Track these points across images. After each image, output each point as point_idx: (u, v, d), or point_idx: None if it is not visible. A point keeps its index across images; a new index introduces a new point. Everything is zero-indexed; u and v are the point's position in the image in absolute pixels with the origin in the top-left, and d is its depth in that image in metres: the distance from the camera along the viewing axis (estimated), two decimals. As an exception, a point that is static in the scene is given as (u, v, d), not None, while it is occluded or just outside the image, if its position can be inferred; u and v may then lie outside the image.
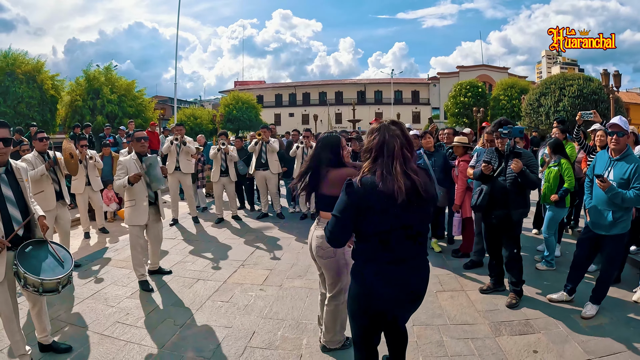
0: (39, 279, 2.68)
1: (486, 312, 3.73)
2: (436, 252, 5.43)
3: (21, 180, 2.95)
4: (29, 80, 15.68)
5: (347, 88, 47.99)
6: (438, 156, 5.24)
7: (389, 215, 1.90)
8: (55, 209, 4.82)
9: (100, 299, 4.19)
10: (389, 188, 1.85)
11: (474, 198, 4.04)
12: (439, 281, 4.48)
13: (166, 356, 3.14)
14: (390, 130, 1.97)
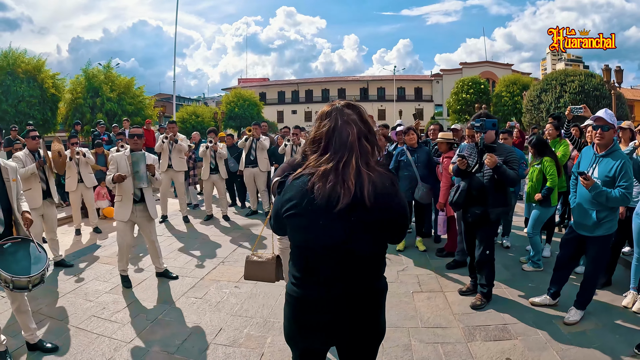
0: (10, 276, 2.78)
1: (462, 315, 3.67)
2: (420, 251, 5.42)
3: (7, 179, 3.07)
4: (29, 79, 16.22)
5: (350, 85, 48.28)
6: (421, 152, 5.21)
7: (318, 227, 1.48)
8: (42, 207, 4.96)
9: (80, 294, 4.33)
10: (327, 191, 1.43)
11: (451, 195, 3.98)
12: (417, 281, 4.46)
13: (133, 350, 3.24)
14: (344, 115, 1.54)
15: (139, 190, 4.53)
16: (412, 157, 5.15)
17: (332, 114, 1.55)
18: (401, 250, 5.44)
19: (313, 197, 1.43)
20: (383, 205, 1.47)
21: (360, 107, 1.61)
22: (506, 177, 3.56)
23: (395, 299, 4.00)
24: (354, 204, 1.42)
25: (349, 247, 1.50)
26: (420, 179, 5.06)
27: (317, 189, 1.43)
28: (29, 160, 4.89)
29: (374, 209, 1.44)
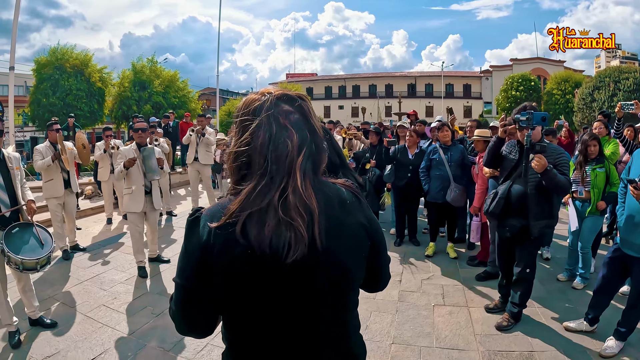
0: (20, 258, 3.08)
1: (484, 336, 3.31)
2: (450, 258, 5.04)
3: (12, 168, 3.35)
4: (77, 73, 17.51)
5: (398, 81, 48.06)
6: (455, 151, 4.83)
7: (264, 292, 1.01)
8: (63, 195, 5.29)
9: (97, 282, 4.53)
10: (265, 237, 0.96)
11: (487, 203, 3.49)
12: (442, 293, 4.13)
13: (131, 342, 3.32)
14: (280, 115, 1.03)
15: (150, 182, 4.75)
16: (445, 156, 4.79)
17: (261, 112, 1.02)
18: (430, 256, 5.09)
19: (250, 251, 0.96)
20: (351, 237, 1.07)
21: (302, 97, 1.10)
22: (556, 184, 3.01)
23: (414, 311, 3.75)
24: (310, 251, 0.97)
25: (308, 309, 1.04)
26: (453, 179, 4.69)
27: (254, 237, 0.96)
28: (49, 152, 5.18)
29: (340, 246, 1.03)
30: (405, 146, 5.44)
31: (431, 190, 4.94)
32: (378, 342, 3.24)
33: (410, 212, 5.62)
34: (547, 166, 2.96)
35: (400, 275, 4.60)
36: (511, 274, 3.51)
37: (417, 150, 5.34)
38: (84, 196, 8.70)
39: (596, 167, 4.08)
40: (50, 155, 5.07)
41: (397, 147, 5.50)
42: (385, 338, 3.31)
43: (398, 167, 5.42)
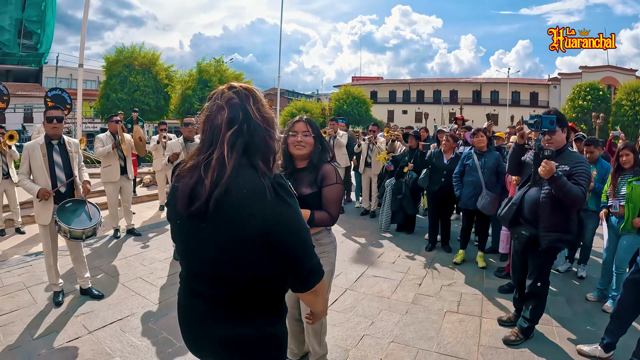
0: (68, 227, 3.66)
1: (489, 347, 3.26)
2: (479, 267, 4.95)
3: (70, 151, 3.97)
4: (144, 71, 19.35)
5: (463, 87, 47.18)
6: (489, 157, 4.74)
7: (179, 232, 1.40)
8: (119, 180, 6.04)
9: (139, 259, 5.20)
10: (187, 190, 1.29)
11: (501, 207, 3.46)
12: (458, 300, 4.11)
13: (157, 310, 3.82)
14: (222, 99, 1.32)
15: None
16: (478, 162, 4.71)
17: (213, 96, 1.34)
18: (458, 264, 5.04)
19: (177, 197, 1.31)
20: (242, 215, 1.23)
21: (248, 90, 1.35)
22: (565, 193, 2.86)
23: (423, 315, 3.79)
24: (201, 208, 1.24)
25: (200, 257, 1.35)
26: (486, 186, 4.60)
27: (181, 187, 1.30)
28: (109, 141, 5.94)
29: (226, 219, 1.24)
30: (441, 151, 5.42)
31: (463, 196, 4.90)
32: (378, 339, 3.35)
33: (444, 217, 5.58)
34: (555, 173, 2.83)
35: (421, 279, 4.64)
36: (524, 287, 3.40)
37: (453, 155, 5.30)
38: (142, 184, 9.62)
39: (633, 179, 3.79)
40: (110, 143, 5.80)
41: (433, 152, 5.50)
42: (386, 336, 3.41)
43: (433, 172, 5.43)
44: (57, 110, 3.89)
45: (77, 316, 3.64)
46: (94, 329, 3.43)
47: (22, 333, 3.35)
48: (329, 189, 2.36)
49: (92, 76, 28.41)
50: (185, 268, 1.45)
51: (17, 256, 5.27)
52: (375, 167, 7.47)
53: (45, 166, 3.79)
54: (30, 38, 35.87)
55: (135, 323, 3.55)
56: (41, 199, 3.72)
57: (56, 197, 3.82)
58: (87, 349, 3.13)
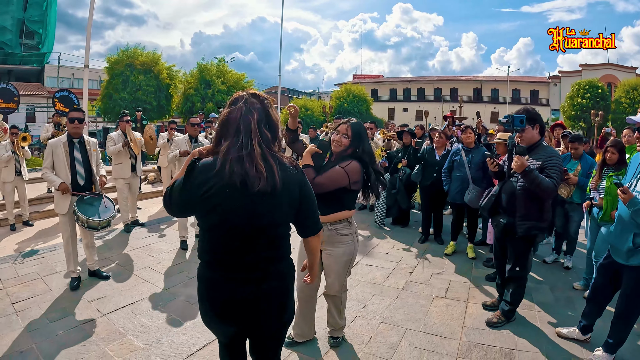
0: (85, 217, 4.07)
1: (472, 329, 3.55)
2: (468, 258, 5.28)
3: (89, 149, 4.40)
4: (146, 71, 19.82)
5: (463, 85, 47.79)
6: (477, 153, 5.06)
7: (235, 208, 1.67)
8: (130, 177, 6.46)
9: (147, 250, 5.57)
10: (242, 174, 1.63)
11: (481, 199, 3.83)
12: (447, 287, 4.43)
13: (164, 295, 4.18)
14: (249, 104, 1.74)
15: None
16: (466, 158, 5.04)
17: (239, 102, 1.75)
18: (448, 255, 5.38)
19: (230, 180, 1.62)
20: (291, 190, 1.74)
21: (265, 98, 1.82)
22: (537, 185, 3.16)
23: (412, 299, 4.11)
24: (271, 186, 1.65)
25: (260, 226, 1.70)
26: (472, 181, 4.93)
27: (235, 172, 1.62)
28: (121, 139, 6.32)
29: (283, 194, 1.70)
30: (434, 147, 5.76)
31: (451, 191, 5.25)
32: (369, 320, 3.68)
33: (436, 211, 5.92)
34: (527, 167, 3.15)
35: (413, 268, 4.97)
36: (504, 272, 3.72)
37: (445, 152, 5.63)
38: (147, 181, 9.99)
39: (613, 174, 4.10)
40: (121, 142, 6.19)
41: (425, 148, 5.84)
42: (376, 317, 3.73)
43: (425, 168, 5.78)
44: (78, 112, 4.34)
45: (91, 301, 4.00)
46: (107, 312, 3.79)
47: (40, 316, 3.70)
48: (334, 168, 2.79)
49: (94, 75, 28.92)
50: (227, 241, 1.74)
51: (29, 249, 5.63)
52: (371, 163, 7.69)
53: (66, 162, 4.22)
54: (32, 38, 36.36)
55: (145, 306, 3.91)
56: (62, 192, 4.14)
57: (75, 189, 4.22)
58: (101, 329, 3.48)
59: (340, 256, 2.96)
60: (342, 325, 3.28)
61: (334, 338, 3.27)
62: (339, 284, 3.06)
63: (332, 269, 3.00)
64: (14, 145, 6.62)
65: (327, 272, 3.05)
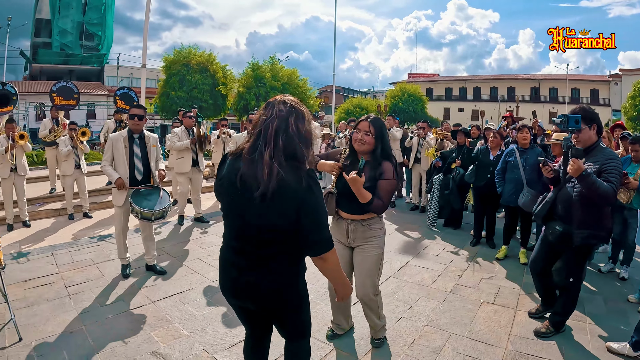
0: (139, 208, 4.32)
1: (518, 337, 3.47)
2: (520, 264, 5.15)
3: (149, 145, 4.68)
4: (202, 70, 20.81)
5: (520, 84, 46.53)
6: (531, 154, 4.91)
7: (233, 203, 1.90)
8: (190, 172, 6.82)
9: (199, 243, 5.92)
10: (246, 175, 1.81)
11: (535, 205, 3.70)
12: (496, 293, 4.36)
13: (213, 286, 4.43)
14: (276, 110, 1.85)
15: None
16: (520, 159, 4.90)
17: (269, 106, 1.89)
18: (500, 259, 5.27)
19: (234, 178, 1.83)
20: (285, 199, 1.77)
21: (296, 106, 1.90)
22: (594, 191, 2.99)
23: (460, 303, 4.08)
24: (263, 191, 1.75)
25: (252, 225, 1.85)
26: (527, 183, 4.78)
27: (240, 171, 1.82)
28: (184, 135, 6.72)
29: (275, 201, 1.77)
30: (488, 147, 5.64)
31: (504, 193, 5.14)
32: (414, 322, 3.70)
33: (489, 213, 5.82)
34: (583, 171, 3.01)
35: (462, 271, 4.93)
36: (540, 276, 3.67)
37: (499, 152, 5.51)
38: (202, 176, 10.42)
39: None
40: (186, 138, 6.60)
41: (480, 148, 5.73)
42: (421, 319, 3.75)
43: (479, 168, 5.69)
44: (139, 108, 4.62)
45: (142, 288, 4.33)
46: (156, 299, 4.09)
47: (91, 300, 4.05)
48: (385, 182, 2.83)
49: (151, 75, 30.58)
50: (231, 230, 2.00)
51: (86, 237, 6.13)
52: (424, 163, 7.81)
53: (125, 157, 4.50)
54: (92, 39, 39.22)
55: (193, 296, 4.17)
56: (118, 187, 4.42)
57: (133, 183, 4.51)
58: (149, 315, 3.77)
59: (373, 249, 3.02)
60: (382, 325, 3.29)
61: (377, 339, 3.30)
62: (371, 284, 3.05)
63: (364, 266, 3.03)
64: (73, 140, 7.18)
65: (358, 271, 3.08)
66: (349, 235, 3.04)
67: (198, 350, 3.21)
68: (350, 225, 3.01)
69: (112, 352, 3.16)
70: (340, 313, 3.37)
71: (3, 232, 6.32)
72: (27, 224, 6.81)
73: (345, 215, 3.02)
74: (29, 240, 6.04)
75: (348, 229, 3.03)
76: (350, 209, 2.95)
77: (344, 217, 3.04)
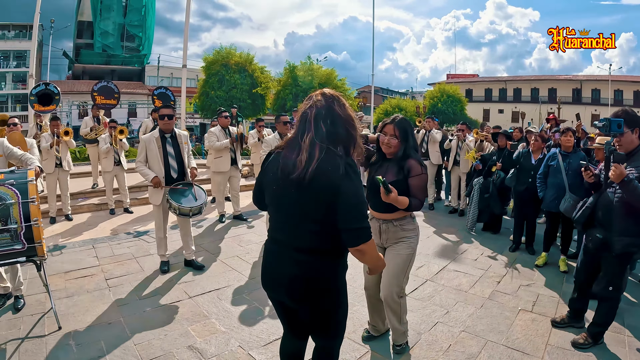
0: (177, 205, 4.49)
1: (556, 348, 3.39)
2: (560, 271, 5.03)
3: (181, 143, 4.83)
4: (240, 70, 21.42)
5: (562, 85, 44.96)
6: (575, 158, 4.79)
7: (274, 191, 1.95)
8: (229, 170, 7.04)
9: (237, 240, 6.12)
10: (286, 161, 1.88)
11: (575, 210, 3.62)
12: (534, 301, 4.28)
13: (250, 284, 4.56)
14: (316, 101, 1.93)
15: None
16: (563, 163, 4.79)
17: (309, 98, 1.98)
18: (539, 266, 5.16)
19: (278, 169, 1.90)
20: (321, 185, 1.77)
21: (335, 97, 1.96)
22: (636, 197, 2.94)
23: (497, 310, 4.04)
24: (300, 177, 1.78)
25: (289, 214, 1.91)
26: (569, 188, 4.66)
27: (281, 158, 1.91)
28: (222, 135, 6.92)
29: (312, 187, 1.78)
30: (530, 150, 5.54)
31: (546, 198, 5.04)
32: (450, 327, 3.68)
33: (529, 218, 5.72)
34: (625, 177, 2.94)
35: (501, 277, 4.87)
36: (584, 288, 3.54)
37: (541, 156, 5.41)
38: (241, 175, 10.65)
39: None
40: (224, 137, 6.81)
41: (521, 151, 5.63)
42: (458, 325, 3.72)
43: (520, 172, 5.60)
44: (168, 108, 4.76)
45: (180, 284, 4.51)
46: (194, 295, 4.25)
47: (130, 293, 4.25)
48: (416, 179, 2.87)
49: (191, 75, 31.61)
50: (274, 222, 2.05)
51: (125, 232, 6.43)
52: (464, 166, 7.74)
53: (159, 156, 4.66)
54: (133, 41, 40.95)
55: (230, 293, 4.31)
56: (154, 185, 4.59)
57: (168, 181, 4.68)
58: (186, 310, 3.91)
59: (404, 249, 3.03)
60: (402, 330, 3.24)
61: (397, 345, 3.27)
62: (396, 283, 3.04)
63: (392, 265, 3.01)
64: (113, 138, 7.52)
65: (386, 270, 2.99)
66: (382, 235, 3.08)
67: (234, 347, 3.29)
68: (382, 225, 3.05)
69: (149, 344, 3.28)
70: (377, 314, 3.40)
71: (46, 224, 6.60)
72: (70, 218, 7.18)
73: (377, 215, 3.07)
74: (70, 233, 6.37)
75: (380, 229, 3.07)
76: (382, 208, 2.97)
77: (375, 217, 3.09)
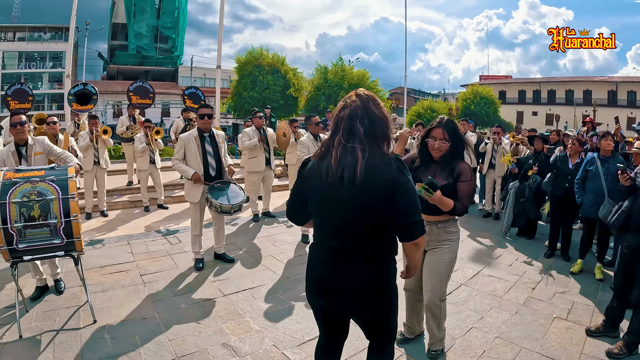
0: (219, 203, 4.60)
1: (590, 357, 3.34)
2: (596, 279, 4.94)
3: (219, 142, 4.99)
4: (273, 71, 21.76)
5: (597, 86, 43.08)
6: (613, 163, 4.68)
7: (318, 196, 1.91)
8: (264, 170, 7.23)
9: (270, 239, 6.25)
10: (323, 165, 1.86)
11: (611, 214, 3.61)
12: (569, 308, 4.24)
13: (284, 283, 4.67)
14: (350, 102, 1.92)
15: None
16: (602, 168, 4.71)
17: (344, 100, 1.97)
18: (574, 273, 5.09)
19: (323, 174, 1.86)
20: (376, 182, 1.76)
21: (370, 97, 1.94)
22: None
23: (532, 317, 4.02)
24: (350, 177, 1.76)
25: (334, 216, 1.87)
26: (608, 194, 4.57)
27: (322, 162, 1.89)
28: (255, 135, 7.08)
29: (366, 185, 1.76)
30: (567, 154, 5.45)
31: (584, 204, 4.97)
32: (484, 332, 3.69)
33: (565, 224, 5.64)
34: None
35: (535, 283, 4.83)
36: (623, 294, 3.48)
37: (579, 160, 5.34)
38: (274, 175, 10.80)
39: None
40: (256, 137, 6.97)
41: (558, 155, 5.56)
42: (492, 330, 3.73)
43: (557, 176, 5.54)
44: (207, 108, 4.94)
45: (214, 281, 4.65)
46: (228, 293, 4.37)
47: (165, 289, 4.40)
48: (465, 184, 2.87)
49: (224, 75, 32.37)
50: (324, 228, 1.98)
51: (160, 229, 6.66)
52: (499, 169, 7.69)
53: (199, 155, 4.82)
54: (166, 42, 42.23)
55: (264, 292, 4.43)
56: (194, 181, 4.75)
57: (207, 179, 4.84)
58: (221, 308, 4.03)
59: (447, 253, 3.02)
60: (440, 337, 3.23)
61: (433, 350, 3.25)
62: (439, 288, 3.05)
63: (435, 269, 3.02)
64: (148, 137, 7.81)
65: (428, 274, 3.06)
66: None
67: (268, 346, 3.36)
68: (426, 227, 3.05)
69: (183, 340, 3.38)
70: (414, 315, 3.43)
71: (82, 220, 6.90)
72: (105, 214, 7.46)
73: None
74: (105, 229, 6.67)
75: None
76: (427, 210, 2.89)
77: None
